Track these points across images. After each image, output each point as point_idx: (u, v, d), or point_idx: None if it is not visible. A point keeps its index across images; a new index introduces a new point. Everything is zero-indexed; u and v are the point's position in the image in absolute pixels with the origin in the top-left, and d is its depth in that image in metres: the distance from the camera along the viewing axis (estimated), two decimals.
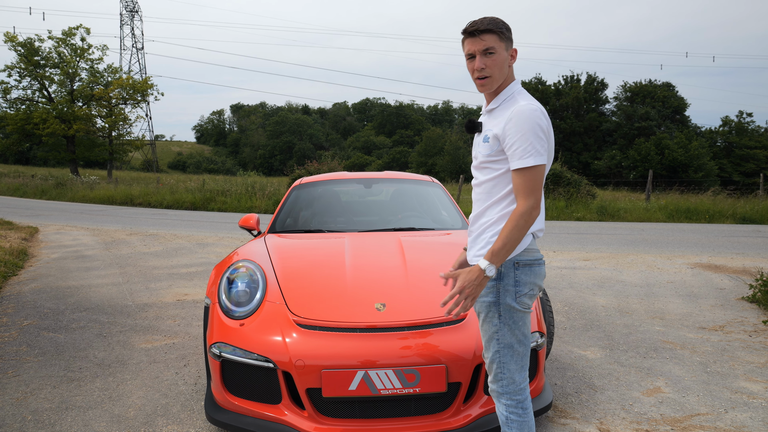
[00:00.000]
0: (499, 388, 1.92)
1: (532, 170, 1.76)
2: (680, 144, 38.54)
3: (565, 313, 4.84)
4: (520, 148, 1.76)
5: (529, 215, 1.77)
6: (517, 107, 1.79)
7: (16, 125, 31.40)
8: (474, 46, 1.82)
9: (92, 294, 5.52)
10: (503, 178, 1.86)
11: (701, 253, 8.12)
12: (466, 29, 1.84)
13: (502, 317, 1.86)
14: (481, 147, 1.89)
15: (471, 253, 1.96)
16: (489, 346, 1.92)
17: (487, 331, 1.92)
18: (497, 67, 1.83)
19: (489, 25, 1.81)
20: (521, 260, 1.86)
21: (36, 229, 10.89)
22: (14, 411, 2.89)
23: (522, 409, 1.90)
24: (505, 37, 1.85)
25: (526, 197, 1.77)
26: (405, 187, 4.48)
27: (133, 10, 54.60)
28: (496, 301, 1.86)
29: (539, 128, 1.78)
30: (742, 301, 5.19)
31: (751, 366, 3.51)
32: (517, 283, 1.86)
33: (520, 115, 1.77)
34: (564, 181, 16.06)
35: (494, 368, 1.92)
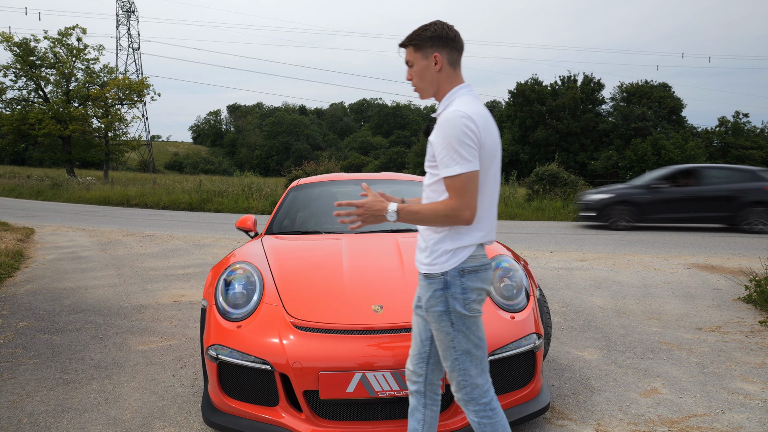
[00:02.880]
0: (464, 395, 1.91)
1: (460, 177, 1.77)
2: (676, 144, 38.66)
3: (562, 314, 4.84)
4: (446, 156, 1.77)
5: (456, 215, 1.78)
6: (445, 114, 1.81)
7: (12, 126, 31.27)
8: (406, 57, 1.93)
9: (88, 295, 5.50)
10: (441, 183, 1.88)
11: (698, 253, 8.14)
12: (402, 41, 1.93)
13: (455, 325, 1.86)
14: (428, 152, 1.93)
15: (418, 260, 1.95)
16: (447, 356, 1.91)
17: (442, 341, 1.90)
18: (418, 78, 1.90)
19: (405, 39, 1.90)
20: (466, 267, 1.86)
21: (32, 230, 10.85)
22: (10, 414, 2.88)
23: (491, 410, 1.90)
24: (420, 47, 1.87)
25: (456, 199, 1.79)
26: (402, 188, 4.47)
27: (129, 10, 54.45)
28: (446, 309, 1.86)
29: (465, 135, 1.76)
30: (739, 302, 5.20)
31: (747, 367, 3.52)
32: (465, 290, 1.86)
33: (446, 123, 1.78)
34: (561, 181, 16.08)
35: (456, 377, 1.91)
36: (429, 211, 1.82)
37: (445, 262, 1.86)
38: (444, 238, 1.87)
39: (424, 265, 1.90)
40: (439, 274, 1.86)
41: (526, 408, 2.56)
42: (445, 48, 1.88)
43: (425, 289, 1.90)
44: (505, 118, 49.91)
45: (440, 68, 1.88)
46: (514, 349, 2.52)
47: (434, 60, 1.87)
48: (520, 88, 47.54)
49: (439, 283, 1.86)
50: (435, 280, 1.87)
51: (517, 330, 2.58)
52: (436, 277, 1.86)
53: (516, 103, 47.50)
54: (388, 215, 1.86)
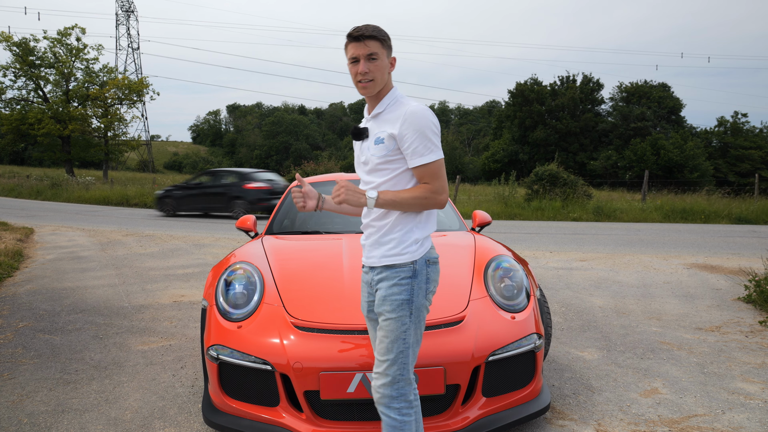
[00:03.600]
0: (395, 391, 1.88)
1: (436, 163, 1.89)
2: (676, 144, 38.67)
3: (562, 314, 4.84)
4: (421, 145, 1.87)
5: (435, 198, 1.89)
6: (410, 108, 1.89)
7: (11, 125, 31.25)
8: (358, 50, 1.89)
9: (88, 295, 5.50)
10: (402, 178, 1.93)
11: (697, 253, 8.15)
12: (352, 34, 1.90)
13: (413, 316, 1.90)
14: (374, 150, 1.93)
15: (377, 254, 1.94)
16: (393, 348, 1.89)
17: (394, 331, 1.89)
18: (379, 72, 1.91)
19: (373, 32, 1.90)
20: (431, 258, 1.96)
21: (31, 229, 10.85)
22: (10, 414, 2.87)
23: (413, 408, 1.91)
24: (387, 45, 1.93)
25: (434, 183, 1.89)
26: None
27: (128, 10, 54.43)
28: (410, 299, 1.89)
29: (434, 125, 1.90)
30: (738, 302, 5.21)
31: (747, 367, 3.52)
32: (428, 280, 1.94)
33: (416, 115, 1.87)
34: (560, 181, 16.08)
35: (395, 371, 1.88)
36: (409, 195, 1.88)
37: (415, 251, 1.91)
38: (413, 227, 1.93)
39: (390, 257, 1.91)
40: (408, 262, 1.90)
41: (526, 408, 2.56)
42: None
43: (388, 279, 1.90)
44: (504, 118, 49.94)
45: (391, 71, 1.98)
46: (514, 350, 2.52)
47: (391, 62, 1.97)
48: (520, 88, 47.57)
49: (408, 271, 1.90)
50: (403, 269, 1.90)
51: (518, 330, 2.58)
52: (405, 266, 1.90)
53: (515, 103, 47.52)
54: (369, 193, 1.88)
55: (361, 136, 1.99)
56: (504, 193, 16.85)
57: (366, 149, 1.96)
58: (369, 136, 1.97)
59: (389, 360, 1.88)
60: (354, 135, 2.01)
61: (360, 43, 1.89)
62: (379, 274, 1.94)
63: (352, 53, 1.91)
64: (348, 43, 1.92)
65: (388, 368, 1.88)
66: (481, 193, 21.91)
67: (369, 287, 2.02)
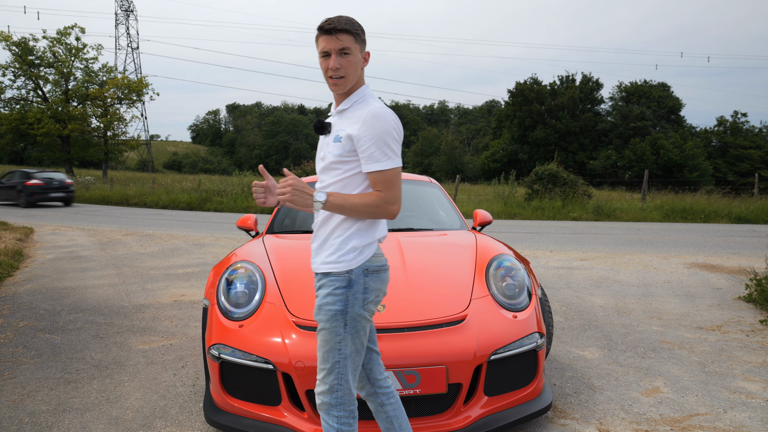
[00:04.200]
0: (333, 399, 1.83)
1: (391, 171, 1.80)
2: (675, 144, 38.68)
3: (563, 313, 4.84)
4: (378, 151, 1.78)
5: (386, 208, 1.80)
6: (372, 110, 1.79)
7: (11, 125, 31.21)
8: (330, 44, 1.80)
9: (88, 295, 5.50)
10: (353, 180, 1.84)
11: (697, 252, 8.15)
12: (323, 27, 1.80)
13: (348, 326, 1.82)
14: (331, 147, 1.85)
15: (318, 260, 1.88)
16: (328, 357, 1.84)
17: (328, 341, 1.83)
18: (352, 68, 1.82)
19: (346, 26, 1.80)
20: (371, 267, 1.85)
21: (31, 229, 10.84)
22: (11, 413, 2.87)
23: (353, 418, 1.86)
24: (361, 39, 1.85)
25: (387, 192, 1.80)
26: (403, 187, 4.46)
27: (128, 10, 54.39)
28: (344, 309, 1.81)
29: (395, 131, 1.81)
30: (739, 301, 5.21)
31: (749, 366, 3.52)
32: (366, 290, 1.84)
33: (377, 118, 1.77)
34: (560, 181, 16.09)
35: (332, 380, 1.83)
36: (359, 201, 1.79)
37: (352, 260, 1.83)
38: (352, 234, 1.84)
39: (327, 264, 1.84)
40: (344, 272, 1.82)
41: (528, 407, 2.56)
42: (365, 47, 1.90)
43: (325, 288, 1.84)
44: (504, 118, 49.95)
45: (364, 66, 1.90)
46: (516, 349, 2.52)
47: (365, 57, 1.88)
48: (520, 88, 47.58)
49: (343, 281, 1.82)
50: (338, 278, 1.82)
51: (520, 329, 2.58)
52: (340, 275, 1.82)
53: (515, 102, 47.53)
54: (317, 195, 1.77)
55: (323, 131, 1.89)
56: (504, 192, 16.86)
57: (325, 145, 1.89)
58: (331, 132, 1.88)
59: (326, 369, 1.84)
60: (317, 129, 1.91)
61: (332, 37, 1.79)
62: (319, 281, 1.88)
63: (323, 47, 1.81)
64: (319, 36, 1.83)
65: (326, 377, 1.84)
66: (480, 193, 21.91)
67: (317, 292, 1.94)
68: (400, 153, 1.83)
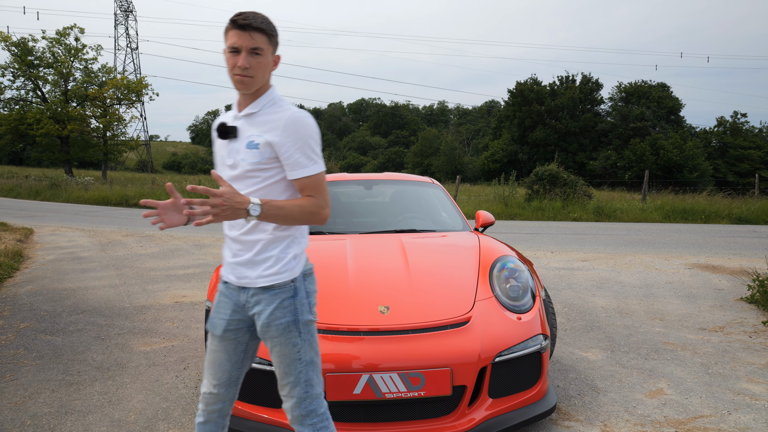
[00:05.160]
0: (305, 410, 1.78)
1: (319, 175, 1.77)
2: (675, 144, 38.69)
3: (565, 314, 4.83)
4: (304, 156, 1.73)
5: (319, 213, 1.76)
6: (292, 115, 1.73)
7: (10, 125, 31.16)
8: (242, 40, 1.70)
9: (89, 296, 5.48)
10: (275, 188, 1.77)
11: (698, 253, 8.14)
12: (237, 21, 1.70)
13: (303, 334, 1.78)
14: (245, 154, 1.74)
15: (254, 274, 1.77)
16: (291, 370, 1.77)
17: (287, 355, 1.77)
18: (261, 70, 1.73)
19: (262, 24, 1.72)
20: (306, 270, 1.84)
21: (31, 230, 10.82)
22: (13, 416, 2.86)
23: (327, 419, 1.83)
24: (274, 41, 1.77)
25: (319, 197, 1.76)
26: (405, 188, 4.46)
27: (127, 10, 54.35)
28: (295, 319, 1.76)
29: (317, 134, 1.79)
30: (741, 302, 5.20)
31: (752, 367, 3.51)
32: (308, 293, 1.83)
33: (298, 123, 1.73)
34: (560, 181, 16.08)
35: (299, 392, 1.77)
36: (295, 207, 1.72)
37: (294, 268, 1.78)
38: (290, 243, 1.80)
39: (268, 277, 1.76)
40: (289, 281, 1.77)
41: (532, 409, 2.55)
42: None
43: (267, 303, 1.76)
44: (504, 118, 49.96)
45: (273, 69, 1.82)
46: (520, 351, 2.51)
47: (275, 60, 1.81)
48: (519, 88, 47.59)
49: (288, 291, 1.77)
50: (283, 290, 1.76)
51: (524, 331, 2.57)
52: (285, 286, 1.76)
53: (515, 103, 47.54)
54: (251, 208, 1.63)
55: (229, 135, 1.77)
56: (504, 193, 16.84)
57: (235, 152, 1.76)
58: (238, 136, 1.77)
59: (290, 383, 1.78)
60: (220, 133, 1.78)
61: (245, 33, 1.69)
62: (254, 296, 1.78)
63: (233, 42, 1.70)
64: (230, 29, 1.71)
65: (291, 390, 1.79)
66: (480, 193, 21.91)
67: (235, 305, 1.83)
68: (322, 156, 1.81)
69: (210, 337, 1.87)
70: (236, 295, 1.83)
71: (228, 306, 1.84)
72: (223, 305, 1.85)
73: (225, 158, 1.80)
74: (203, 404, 1.90)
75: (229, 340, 1.85)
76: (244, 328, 1.85)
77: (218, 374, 1.87)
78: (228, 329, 1.84)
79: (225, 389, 1.88)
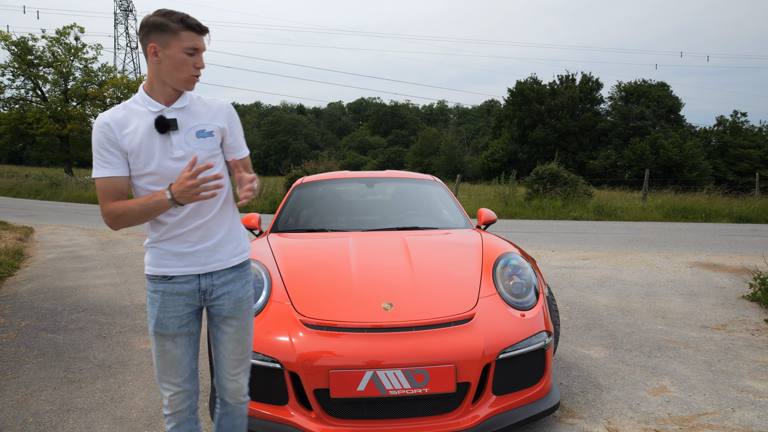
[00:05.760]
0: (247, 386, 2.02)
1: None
2: (675, 143, 38.65)
3: (566, 312, 4.83)
4: (242, 137, 1.96)
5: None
6: (226, 103, 1.92)
7: (10, 125, 31.15)
8: (201, 43, 1.80)
9: (90, 294, 5.47)
10: (224, 171, 1.92)
11: (699, 252, 8.14)
12: (198, 25, 1.78)
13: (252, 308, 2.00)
14: (200, 143, 1.81)
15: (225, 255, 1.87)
16: (248, 347, 1.98)
17: (250, 325, 1.97)
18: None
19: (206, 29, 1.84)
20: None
21: (31, 229, 10.80)
22: (15, 413, 2.85)
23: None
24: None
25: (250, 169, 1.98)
26: (407, 186, 4.45)
27: (127, 9, 54.30)
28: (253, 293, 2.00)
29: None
30: (743, 300, 5.19)
31: (755, 365, 3.51)
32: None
33: (233, 110, 1.94)
34: (561, 180, 16.07)
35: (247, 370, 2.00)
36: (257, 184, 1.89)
37: (248, 245, 1.99)
38: (239, 223, 1.98)
39: (238, 255, 1.92)
40: (249, 257, 1.98)
41: (536, 406, 2.55)
42: None
43: (237, 279, 1.90)
44: (503, 117, 49.92)
45: None
46: (524, 347, 2.50)
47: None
48: (519, 87, 47.54)
49: (249, 266, 1.98)
50: (248, 265, 1.96)
51: (528, 328, 2.56)
52: (248, 263, 1.97)
53: (515, 102, 47.50)
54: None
55: (169, 128, 1.78)
56: (504, 192, 16.83)
57: (183, 143, 1.79)
58: (177, 128, 1.79)
59: (249, 354, 1.99)
60: (160, 126, 1.77)
61: (203, 37, 1.80)
62: (222, 277, 1.88)
63: (194, 43, 1.77)
64: (182, 30, 1.75)
65: (245, 369, 1.99)
66: (481, 193, 21.90)
67: (187, 298, 1.85)
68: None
69: (159, 340, 1.86)
70: (192, 286, 1.85)
71: (178, 302, 1.85)
72: (170, 303, 1.84)
73: (170, 151, 1.79)
74: (171, 408, 1.93)
75: (184, 335, 1.88)
76: (194, 320, 1.91)
77: (180, 371, 1.90)
78: (182, 325, 1.87)
79: (189, 383, 1.93)
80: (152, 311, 1.85)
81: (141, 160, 1.77)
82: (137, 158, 1.77)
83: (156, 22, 1.75)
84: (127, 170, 1.79)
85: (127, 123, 1.78)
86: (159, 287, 1.84)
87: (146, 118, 1.78)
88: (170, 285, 1.84)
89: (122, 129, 1.77)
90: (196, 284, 1.85)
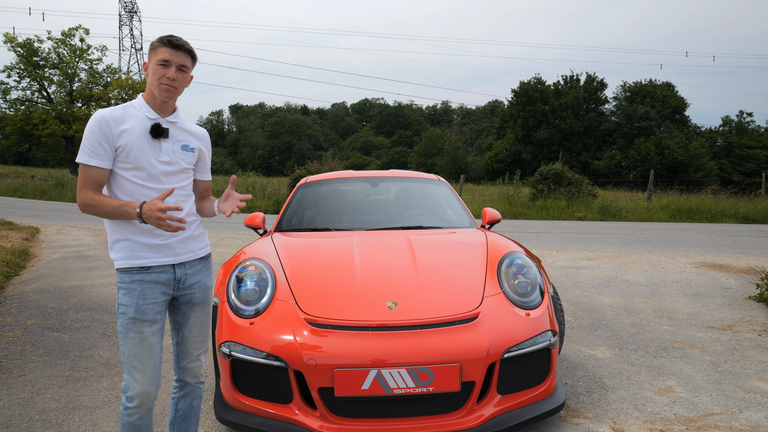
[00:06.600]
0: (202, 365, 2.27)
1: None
2: (680, 144, 38.49)
3: (571, 312, 4.81)
4: (209, 162, 2.26)
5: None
6: (205, 132, 2.21)
7: (16, 126, 31.34)
8: (174, 57, 1.98)
9: (95, 294, 5.49)
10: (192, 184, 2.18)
11: (705, 252, 8.10)
12: (173, 41, 1.99)
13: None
14: (182, 155, 2.07)
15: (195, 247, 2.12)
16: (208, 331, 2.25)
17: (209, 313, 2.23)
18: (183, 84, 2.05)
19: (190, 48, 2.04)
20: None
21: (37, 229, 10.85)
22: (21, 411, 2.86)
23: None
24: (194, 64, 2.09)
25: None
26: (411, 185, 4.45)
27: (131, 11, 54.52)
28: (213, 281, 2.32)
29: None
30: (749, 301, 5.16)
31: (762, 365, 3.48)
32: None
33: (209, 139, 2.22)
34: (565, 180, 16.03)
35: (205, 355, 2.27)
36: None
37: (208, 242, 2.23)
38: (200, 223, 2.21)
39: (205, 248, 2.18)
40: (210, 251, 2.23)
41: (541, 406, 2.54)
42: None
43: (204, 269, 2.16)
44: (507, 118, 49.84)
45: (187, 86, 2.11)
46: (529, 347, 2.49)
47: (189, 79, 2.10)
48: (523, 88, 47.46)
49: (211, 259, 2.24)
50: (211, 258, 2.22)
51: (533, 327, 2.55)
52: (211, 256, 2.23)
53: (519, 102, 47.42)
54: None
55: (162, 135, 2.01)
56: (508, 192, 16.80)
57: (170, 150, 2.03)
58: (168, 136, 2.03)
59: (210, 335, 2.25)
60: (155, 132, 1.99)
61: (177, 51, 1.99)
62: (192, 267, 2.11)
63: (166, 56, 1.97)
64: (160, 47, 1.99)
65: (209, 340, 2.26)
66: (484, 193, 21.86)
67: (163, 287, 2.02)
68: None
69: (138, 326, 1.97)
70: (168, 275, 2.03)
71: (156, 290, 2.00)
72: (149, 291, 1.99)
73: (158, 154, 2.01)
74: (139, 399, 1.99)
75: (158, 322, 2.03)
76: (164, 309, 2.07)
77: (152, 359, 2.01)
78: (158, 312, 2.02)
79: (158, 369, 2.05)
80: (130, 300, 1.97)
81: (131, 157, 1.96)
82: (128, 154, 1.95)
83: (150, 44, 2.05)
84: (111, 164, 1.96)
85: (124, 121, 1.97)
86: (136, 277, 1.98)
87: (142, 122, 1.99)
88: (147, 275, 1.99)
89: (119, 126, 1.95)
90: (172, 274, 2.04)
